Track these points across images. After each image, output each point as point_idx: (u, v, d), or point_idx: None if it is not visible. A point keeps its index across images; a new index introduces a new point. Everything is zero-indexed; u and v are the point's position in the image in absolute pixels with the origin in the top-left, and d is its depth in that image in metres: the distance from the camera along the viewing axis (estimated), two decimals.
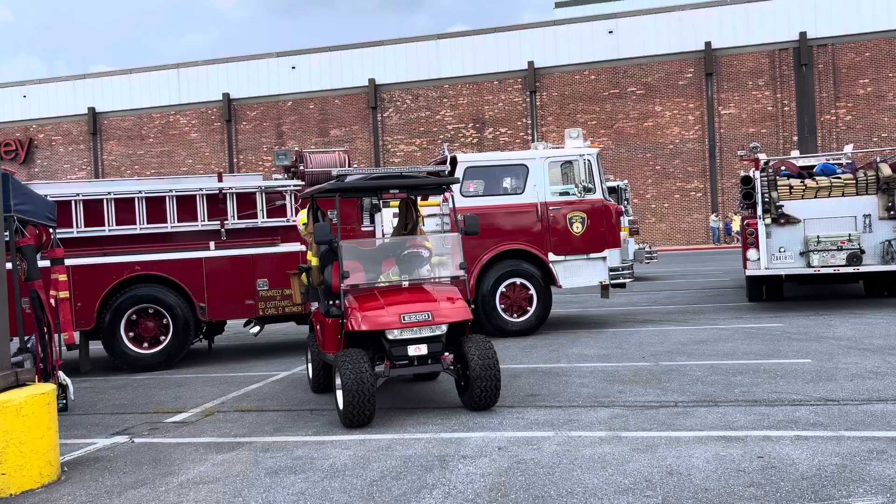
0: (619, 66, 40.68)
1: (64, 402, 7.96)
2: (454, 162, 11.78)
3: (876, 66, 37.89)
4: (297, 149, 11.77)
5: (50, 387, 5.80)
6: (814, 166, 13.93)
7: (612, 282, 11.99)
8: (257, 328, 11.22)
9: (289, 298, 10.79)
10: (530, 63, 41.46)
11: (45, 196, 9.97)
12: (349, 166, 11.70)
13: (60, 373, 8.01)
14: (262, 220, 11.03)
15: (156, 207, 10.79)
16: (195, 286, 10.63)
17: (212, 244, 10.84)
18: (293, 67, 44.79)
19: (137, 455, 6.21)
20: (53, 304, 8.12)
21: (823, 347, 9.19)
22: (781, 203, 12.74)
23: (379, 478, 5.23)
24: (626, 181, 21.50)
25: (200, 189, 10.96)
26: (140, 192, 10.81)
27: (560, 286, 11.78)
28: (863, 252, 12.34)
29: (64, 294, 8.39)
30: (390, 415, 7.05)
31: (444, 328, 6.89)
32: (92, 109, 46.94)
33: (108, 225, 10.62)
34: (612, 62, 40.73)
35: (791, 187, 12.89)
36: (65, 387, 8.06)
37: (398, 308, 6.83)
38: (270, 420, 7.21)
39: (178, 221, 10.83)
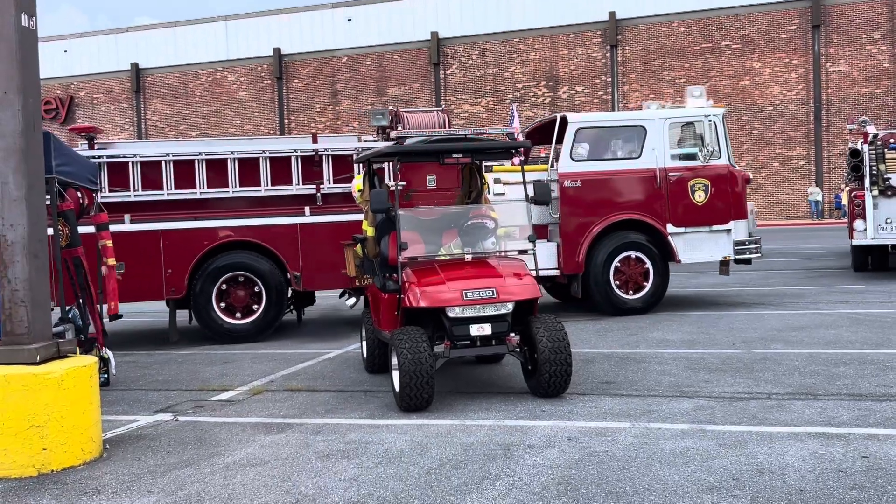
0: (712, 18, 39.57)
1: (105, 376, 8.26)
2: (564, 122, 11.75)
3: None
4: (391, 108, 11.96)
5: (92, 359, 6.03)
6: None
7: (738, 257, 11.90)
8: (353, 300, 11.26)
9: None
10: (611, 13, 40.67)
11: (134, 154, 10.73)
12: (449, 127, 11.76)
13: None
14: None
15: (248, 169, 11.08)
16: (289, 254, 10.90)
17: (307, 209, 11.06)
18: (349, 20, 45.02)
19: (181, 434, 6.42)
20: (105, 273, 8.42)
21: None
22: (889, 175, 14.29)
23: (437, 466, 5.29)
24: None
25: (295, 150, 11.16)
26: (232, 152, 11.13)
27: (679, 261, 11.73)
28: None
29: (112, 261, 8.72)
30: (450, 399, 7.12)
31: (510, 307, 6.89)
32: (135, 65, 48.13)
33: (200, 188, 10.96)
34: (705, 12, 39.62)
35: None
36: (107, 360, 8.38)
37: (460, 283, 6.85)
38: (322, 401, 7.35)
39: (272, 185, 11.07)
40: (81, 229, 10.19)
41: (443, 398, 7.09)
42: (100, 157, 10.78)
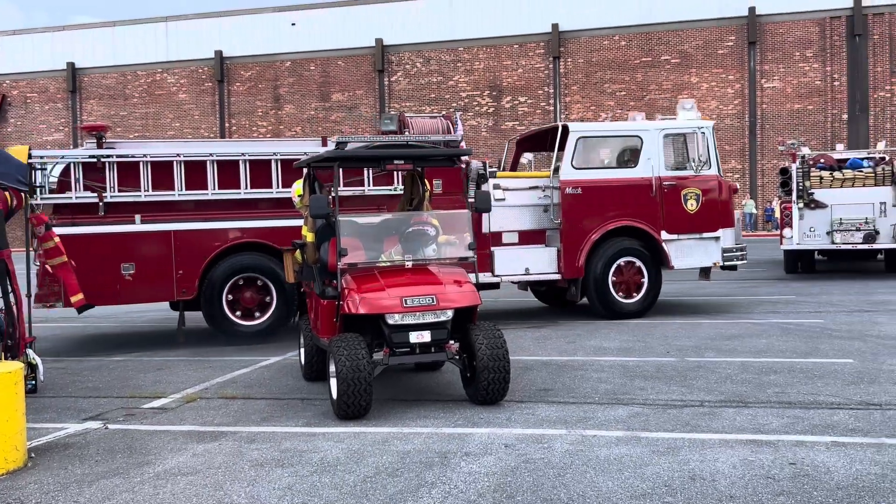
0: (651, 32, 40.35)
1: (33, 383, 8.01)
2: (566, 131, 12.05)
3: None
4: (397, 113, 12.07)
5: (17, 365, 5.84)
6: (847, 160, 17.77)
7: (726, 263, 12.37)
8: None
9: None
10: (554, 25, 41.17)
11: (144, 154, 10.75)
12: (453, 133, 11.96)
13: (30, 351, 8.07)
14: (368, 188, 11.20)
15: (259, 171, 11.05)
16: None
17: None
18: (293, 24, 44.67)
19: (111, 442, 6.26)
20: (50, 271, 8.24)
21: (867, 346, 9.16)
22: (813, 191, 16.86)
23: (373, 474, 5.25)
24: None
25: (305, 153, 11.11)
26: (243, 154, 11.09)
27: (672, 267, 12.12)
28: (877, 232, 16.53)
29: (61, 259, 8.53)
30: (388, 406, 7.08)
31: (450, 314, 6.89)
32: (71, 65, 46.99)
33: (211, 189, 10.88)
34: (645, 27, 40.39)
35: (821, 178, 17.04)
36: (34, 366, 8.11)
37: (400, 290, 6.83)
38: (257, 408, 7.25)
39: (282, 187, 10.97)
40: (93, 229, 10.41)
41: (381, 406, 7.05)
42: (109, 156, 10.72)
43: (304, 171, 8.45)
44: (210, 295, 10.83)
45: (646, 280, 12.01)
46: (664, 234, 12.03)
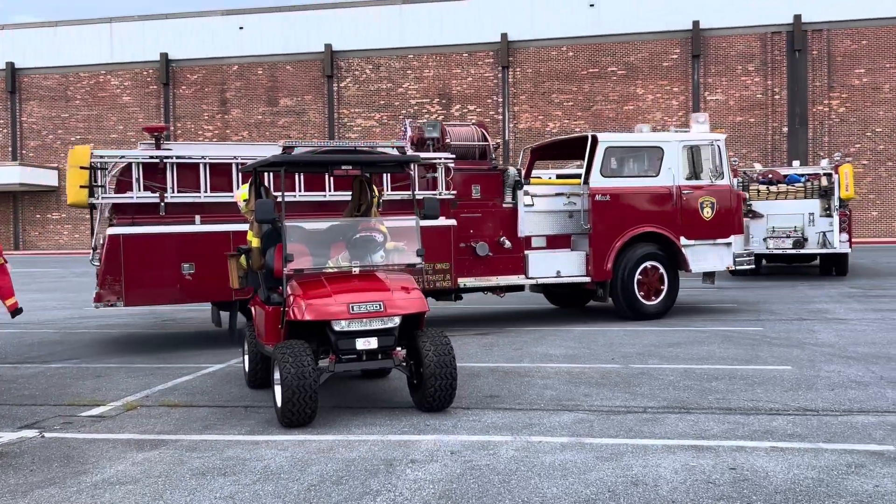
0: (599, 44, 40.89)
1: None
2: (595, 141, 12.59)
3: (872, 56, 38.65)
4: (439, 122, 12.60)
5: None
6: (787, 175, 20.01)
7: (737, 268, 13.22)
8: None
9: (440, 273, 11.60)
10: (503, 35, 41.46)
11: (202, 156, 10.93)
12: (486, 140, 12.46)
13: None
14: (416, 193, 11.20)
15: (312, 175, 11.14)
16: None
17: None
18: (241, 28, 44.21)
19: (47, 451, 6.09)
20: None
21: (805, 354, 9.38)
22: (751, 202, 18.51)
23: (317, 482, 5.20)
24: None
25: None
26: None
27: (690, 270, 12.85)
28: (805, 239, 18.82)
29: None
30: (333, 414, 7.02)
31: (398, 320, 6.87)
32: (10, 65, 45.77)
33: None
34: (592, 38, 40.91)
35: (759, 191, 19.26)
36: None
37: (347, 297, 6.78)
38: (199, 416, 7.12)
39: (335, 190, 11.11)
40: (154, 229, 10.49)
41: (326, 413, 6.99)
42: (169, 157, 10.68)
43: (250, 175, 8.35)
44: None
45: (666, 283, 12.68)
46: (683, 240, 12.72)
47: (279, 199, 7.82)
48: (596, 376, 8.39)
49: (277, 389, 6.64)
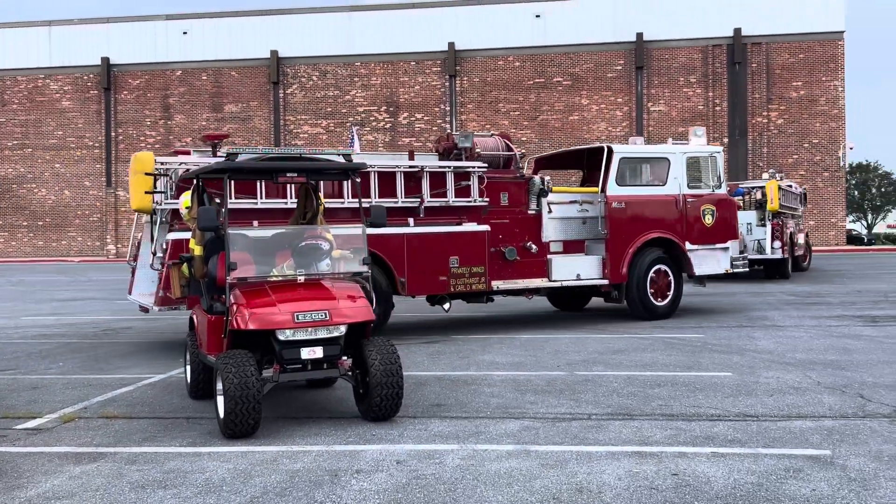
0: (545, 55, 41.35)
1: None
2: (610, 152, 13.29)
3: (809, 69, 39.80)
4: (472, 132, 13.14)
5: None
6: (736, 186, 20.90)
7: (733, 271, 14.23)
8: (448, 304, 12.44)
9: (476, 276, 12.11)
10: (450, 44, 41.66)
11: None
12: (510, 150, 13.19)
13: None
14: (452, 199, 12.09)
15: (385, 182, 11.73)
16: (397, 261, 11.71)
17: (411, 220, 11.93)
18: (184, 33, 43.63)
19: None
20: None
21: (745, 360, 9.56)
22: None
23: (261, 494, 5.12)
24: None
25: (398, 166, 11.92)
26: (372, 166, 11.64)
27: (693, 273, 13.76)
28: (745, 247, 19.00)
29: None
30: (278, 425, 6.93)
31: (343, 329, 6.81)
32: None
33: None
34: (538, 49, 41.36)
35: None
36: None
37: (291, 305, 6.71)
38: (140, 428, 6.97)
39: (380, 197, 11.58)
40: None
41: (270, 424, 6.90)
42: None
43: (192, 182, 8.23)
44: None
45: (672, 285, 13.52)
46: (688, 245, 13.59)
47: (222, 207, 7.70)
48: (542, 384, 8.43)
49: (220, 400, 6.53)
